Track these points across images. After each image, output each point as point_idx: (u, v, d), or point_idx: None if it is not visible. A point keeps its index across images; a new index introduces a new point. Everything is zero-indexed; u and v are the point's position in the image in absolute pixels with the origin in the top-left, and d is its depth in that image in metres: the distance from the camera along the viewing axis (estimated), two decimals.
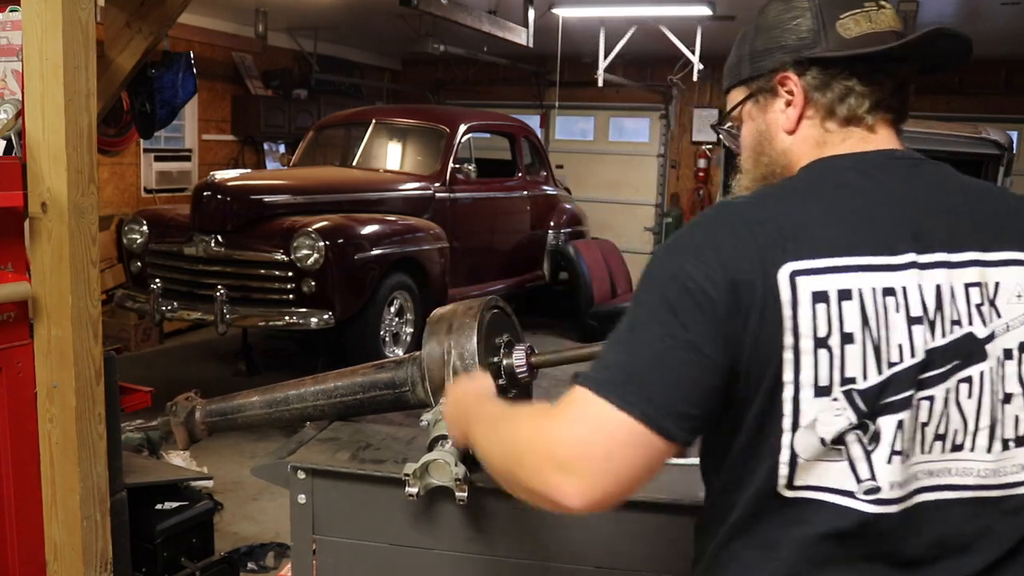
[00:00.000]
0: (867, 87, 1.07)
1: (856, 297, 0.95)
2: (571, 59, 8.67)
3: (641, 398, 0.92)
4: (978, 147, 4.13)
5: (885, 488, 0.95)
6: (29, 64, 2.01)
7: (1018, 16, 6.22)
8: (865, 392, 0.95)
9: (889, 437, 0.95)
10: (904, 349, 0.95)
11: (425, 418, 1.54)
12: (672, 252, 1.00)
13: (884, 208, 1.00)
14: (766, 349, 0.94)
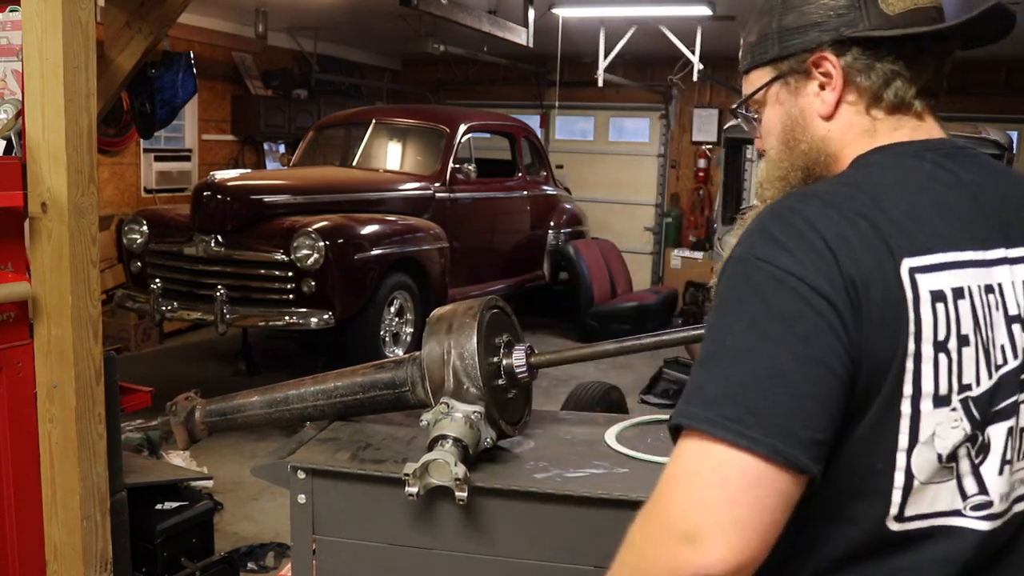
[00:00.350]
0: (913, 70, 0.99)
1: (967, 296, 0.87)
2: (571, 59, 8.67)
3: (766, 431, 0.78)
4: (979, 147, 4.14)
5: (996, 502, 0.87)
6: (29, 64, 2.01)
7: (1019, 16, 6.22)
8: (979, 399, 0.87)
9: (1000, 447, 0.88)
10: (1007, 350, 0.89)
11: (425, 418, 1.54)
12: (767, 247, 0.85)
13: (968, 200, 0.92)
14: (885, 356, 0.83)
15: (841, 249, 0.83)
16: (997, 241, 0.91)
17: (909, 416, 0.84)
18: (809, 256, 0.83)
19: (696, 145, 10.15)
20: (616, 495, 1.51)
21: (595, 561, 1.54)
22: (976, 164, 0.97)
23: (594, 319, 7.35)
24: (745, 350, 0.81)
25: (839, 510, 0.86)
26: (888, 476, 0.85)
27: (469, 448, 1.49)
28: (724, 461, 0.78)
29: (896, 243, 0.85)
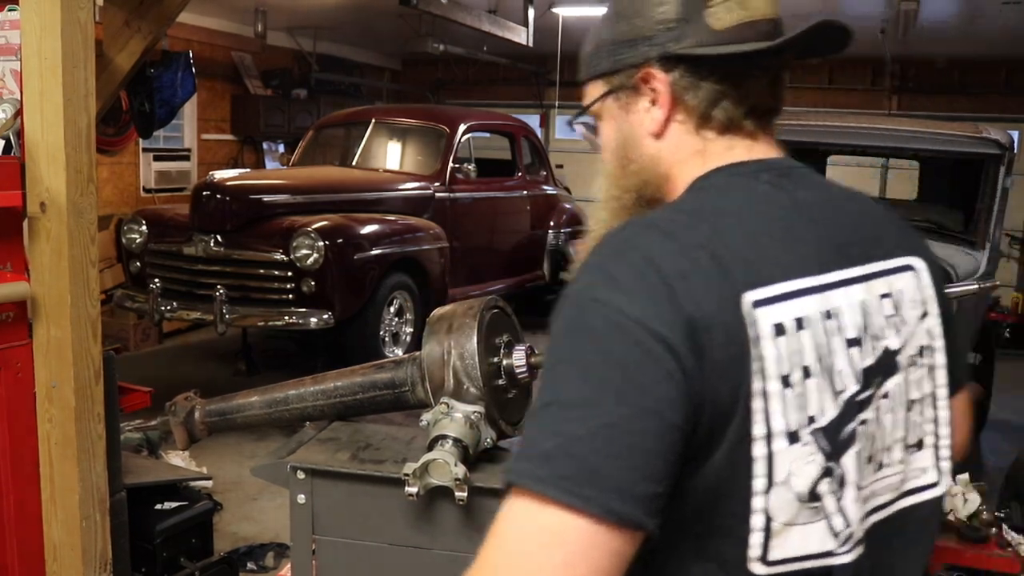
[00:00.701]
0: (741, 89, 0.93)
1: (808, 325, 0.84)
2: (571, 59, 8.66)
3: (600, 489, 0.73)
4: (979, 147, 4.13)
5: (856, 530, 0.86)
6: (28, 63, 2.00)
7: (1019, 16, 6.22)
8: (827, 429, 0.84)
9: (853, 475, 0.85)
10: (847, 376, 0.86)
11: (425, 418, 1.53)
12: (603, 288, 0.80)
13: (805, 223, 0.89)
14: (729, 398, 0.79)
15: (681, 288, 0.78)
16: (835, 263, 0.88)
17: (764, 457, 0.80)
18: (648, 298, 0.78)
19: None
20: None
21: None
22: (811, 183, 0.94)
23: None
24: (580, 402, 0.76)
25: (703, 552, 0.83)
26: (745, 519, 0.81)
27: (469, 448, 1.48)
28: (557, 523, 0.73)
29: (737, 275, 0.81)
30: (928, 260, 0.98)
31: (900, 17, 5.86)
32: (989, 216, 4.14)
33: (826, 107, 9.18)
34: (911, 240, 0.99)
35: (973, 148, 4.16)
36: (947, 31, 7.25)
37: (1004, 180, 4.14)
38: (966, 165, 4.45)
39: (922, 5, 5.69)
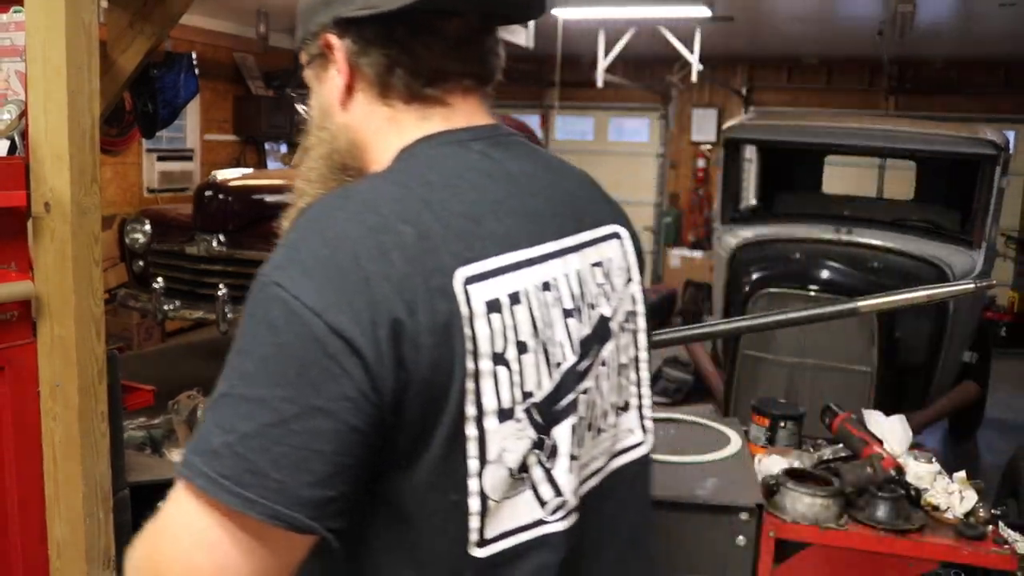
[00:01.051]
0: (413, 55, 0.86)
1: (525, 299, 0.80)
2: (571, 60, 8.68)
3: (265, 492, 0.70)
4: (975, 147, 4.15)
5: (570, 499, 0.84)
6: (32, 65, 2.02)
7: (1016, 17, 6.23)
8: (541, 403, 0.81)
9: (566, 445, 0.83)
10: (566, 347, 0.84)
11: None
12: (288, 271, 0.74)
13: (518, 194, 0.86)
14: (441, 383, 0.75)
15: (378, 271, 0.73)
16: (550, 234, 0.85)
17: (476, 438, 0.77)
18: (333, 284, 0.72)
19: (695, 145, 10.16)
20: None
21: None
22: (523, 153, 0.91)
23: None
24: (252, 396, 0.72)
25: (422, 549, 0.79)
26: (463, 504, 0.78)
27: None
28: (217, 523, 0.70)
29: (449, 252, 0.76)
30: (629, 228, 0.98)
31: (897, 18, 5.87)
32: (985, 216, 4.16)
33: (823, 107, 9.20)
34: (614, 209, 0.99)
35: (969, 148, 4.18)
36: (944, 32, 7.26)
37: (1000, 180, 4.16)
38: (963, 165, 4.46)
39: (919, 6, 5.70)
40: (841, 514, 1.57)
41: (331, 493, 0.71)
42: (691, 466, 1.68)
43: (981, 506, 1.61)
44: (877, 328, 3.45)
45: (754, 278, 3.78)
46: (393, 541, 0.80)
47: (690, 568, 1.54)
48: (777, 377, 3.58)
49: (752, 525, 1.53)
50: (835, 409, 1.89)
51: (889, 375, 3.62)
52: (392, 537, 0.79)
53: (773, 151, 5.11)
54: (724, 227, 4.69)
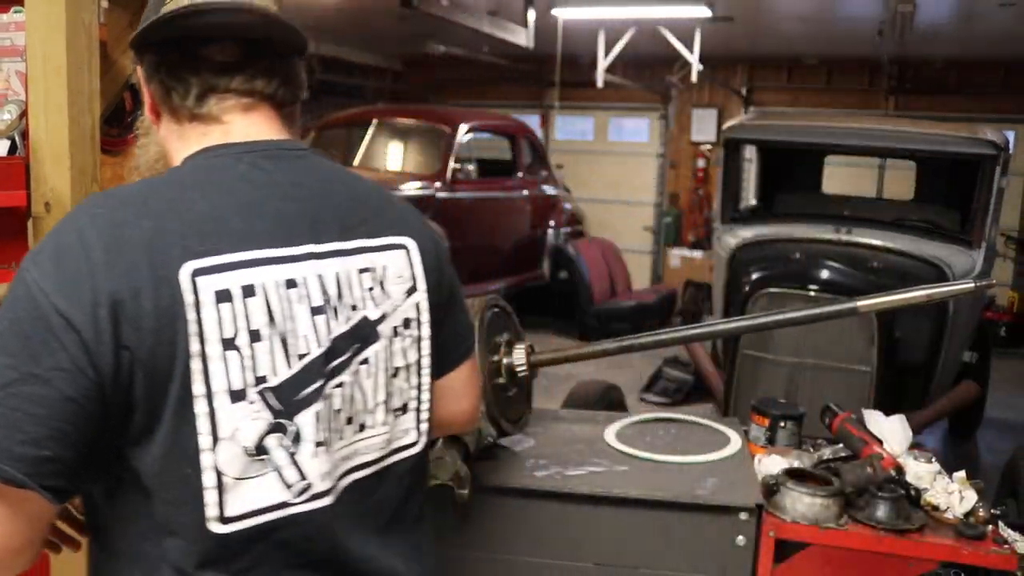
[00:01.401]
0: (178, 79, 0.97)
1: (260, 292, 0.90)
2: (571, 60, 8.68)
3: None
4: (975, 147, 4.15)
5: (316, 483, 0.93)
6: (32, 65, 2.02)
7: (1015, 17, 6.24)
8: (279, 389, 0.90)
9: (310, 432, 0.92)
10: (310, 339, 0.93)
11: None
12: (36, 264, 0.86)
13: (277, 200, 0.95)
14: (166, 363, 0.84)
15: (110, 260, 0.84)
16: (302, 238, 0.94)
17: (207, 414, 0.86)
18: (67, 270, 0.84)
19: (695, 145, 10.16)
20: (616, 493, 1.53)
21: (595, 558, 1.56)
22: (302, 166, 1.00)
23: (594, 318, 7.37)
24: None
25: (168, 522, 0.87)
26: (198, 479, 0.86)
27: (470, 446, 1.50)
28: None
29: (182, 247, 0.86)
30: (424, 242, 1.08)
31: (897, 18, 5.87)
32: (985, 216, 4.16)
33: (823, 108, 9.20)
34: (407, 222, 1.08)
35: (969, 148, 4.18)
36: (944, 32, 7.26)
37: (1000, 180, 4.15)
38: (962, 165, 4.46)
39: (919, 6, 5.70)
40: (841, 514, 1.58)
41: (46, 453, 0.80)
42: (691, 466, 1.68)
43: (981, 506, 1.61)
44: (877, 328, 3.45)
45: (754, 278, 3.78)
46: (140, 512, 0.88)
47: (690, 568, 1.54)
48: (777, 377, 3.58)
49: (752, 525, 1.53)
50: (835, 409, 1.89)
51: (889, 375, 3.62)
52: (138, 508, 0.88)
53: (773, 151, 5.11)
54: (724, 227, 4.69)
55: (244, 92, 0.99)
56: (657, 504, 1.52)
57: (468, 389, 1.20)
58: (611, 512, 1.53)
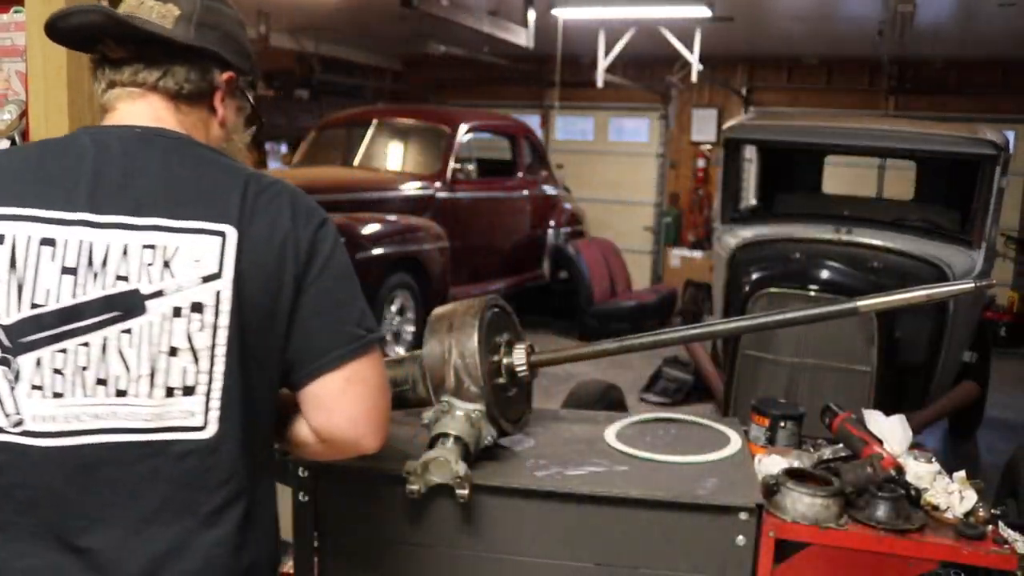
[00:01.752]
0: (95, 74, 1.19)
1: (9, 243, 1.04)
2: (571, 60, 8.69)
3: None
4: (975, 147, 4.15)
5: (29, 421, 1.04)
6: (33, 65, 2.02)
7: (1015, 17, 6.24)
8: (7, 328, 1.04)
9: (28, 374, 1.04)
10: (51, 294, 1.04)
11: (426, 416, 1.55)
12: None
13: (81, 172, 1.08)
14: None
15: None
16: (83, 207, 1.06)
17: None
18: None
19: (695, 145, 10.17)
20: (616, 492, 1.53)
21: (596, 558, 1.55)
22: (151, 147, 1.13)
23: (594, 318, 7.37)
24: None
25: None
26: None
27: (470, 446, 1.50)
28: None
29: None
30: (253, 236, 1.09)
31: (897, 18, 5.87)
32: (985, 216, 4.16)
33: (823, 108, 9.20)
34: (234, 214, 1.10)
35: (969, 149, 4.18)
36: (944, 32, 7.26)
37: (1000, 180, 4.15)
38: (962, 165, 4.46)
39: (919, 6, 5.71)
40: (841, 514, 1.57)
41: None
42: (691, 466, 1.68)
43: (981, 506, 1.60)
44: (877, 328, 3.45)
45: (754, 278, 3.78)
46: None
47: (690, 568, 1.54)
48: (777, 377, 3.58)
49: (752, 525, 1.53)
50: (835, 409, 1.89)
51: (889, 375, 3.62)
52: None
53: (773, 151, 5.11)
54: (724, 227, 4.69)
55: (130, 83, 1.17)
56: (657, 504, 1.52)
57: (340, 403, 1.16)
58: (611, 512, 1.53)
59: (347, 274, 1.18)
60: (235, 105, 1.28)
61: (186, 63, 1.18)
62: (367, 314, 1.20)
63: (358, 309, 1.18)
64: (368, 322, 1.19)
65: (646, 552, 1.54)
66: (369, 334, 1.18)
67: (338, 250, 1.17)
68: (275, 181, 1.17)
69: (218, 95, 1.23)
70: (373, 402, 1.19)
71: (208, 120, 1.24)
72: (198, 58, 1.19)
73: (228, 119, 1.26)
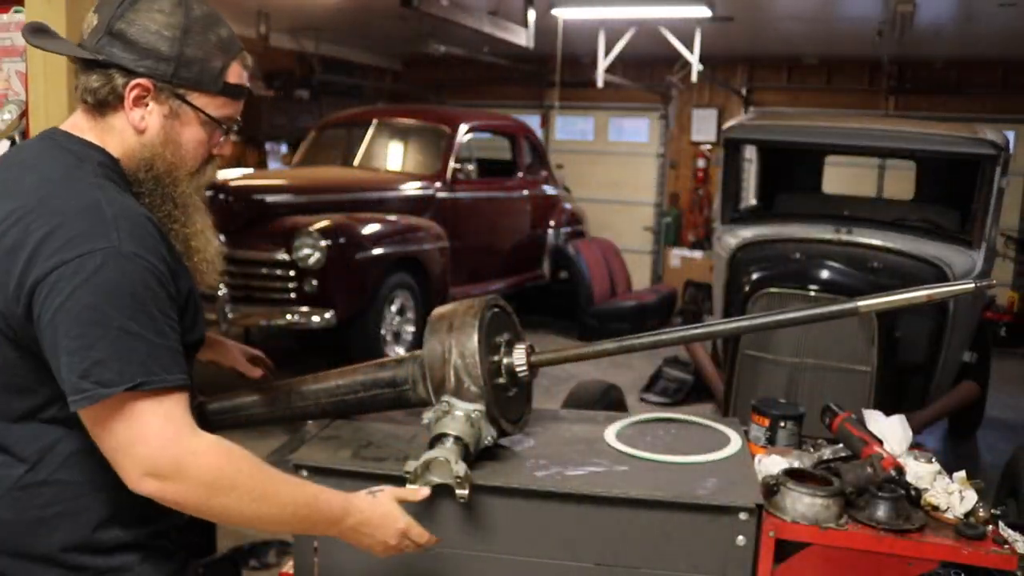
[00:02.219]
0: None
1: None
2: (571, 60, 8.68)
3: None
4: (975, 147, 4.15)
5: None
6: (33, 65, 2.03)
7: (1015, 17, 6.23)
8: None
9: None
10: None
11: (426, 416, 1.55)
12: None
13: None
14: None
15: None
16: None
17: None
18: None
19: (695, 145, 10.16)
20: (616, 493, 1.53)
21: (596, 558, 1.55)
22: (27, 145, 1.34)
23: (594, 318, 7.37)
24: None
25: None
26: None
27: (470, 446, 1.50)
28: None
29: None
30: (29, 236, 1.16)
31: (897, 18, 5.87)
32: (985, 216, 4.16)
33: (823, 108, 9.19)
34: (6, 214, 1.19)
35: (969, 149, 4.17)
36: (944, 32, 7.26)
37: (1000, 180, 4.15)
38: (962, 165, 4.46)
39: (918, 6, 5.70)
40: (841, 514, 1.57)
41: None
42: (691, 466, 1.68)
43: (981, 506, 1.60)
44: (877, 328, 3.45)
45: (754, 278, 3.78)
46: None
47: (690, 568, 1.54)
48: (777, 377, 3.58)
49: (752, 525, 1.53)
50: (835, 409, 1.89)
51: (889, 375, 3.62)
52: None
53: (773, 151, 5.11)
54: (724, 227, 4.69)
55: (79, 98, 1.31)
56: (657, 504, 1.52)
57: (100, 436, 1.15)
58: (611, 512, 1.53)
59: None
60: (163, 112, 1.29)
61: (92, 73, 1.26)
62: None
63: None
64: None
65: (646, 552, 1.54)
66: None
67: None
68: (59, 210, 1.16)
69: (126, 103, 1.27)
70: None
71: (123, 128, 1.28)
72: (101, 68, 1.26)
73: (150, 126, 1.28)
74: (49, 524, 1.22)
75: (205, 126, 1.34)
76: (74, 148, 1.26)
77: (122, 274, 1.12)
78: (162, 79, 1.27)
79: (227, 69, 1.33)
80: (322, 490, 1.29)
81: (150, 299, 1.14)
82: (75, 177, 1.21)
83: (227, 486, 1.15)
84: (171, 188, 1.32)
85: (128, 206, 1.20)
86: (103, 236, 1.13)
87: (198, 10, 1.30)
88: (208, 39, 1.30)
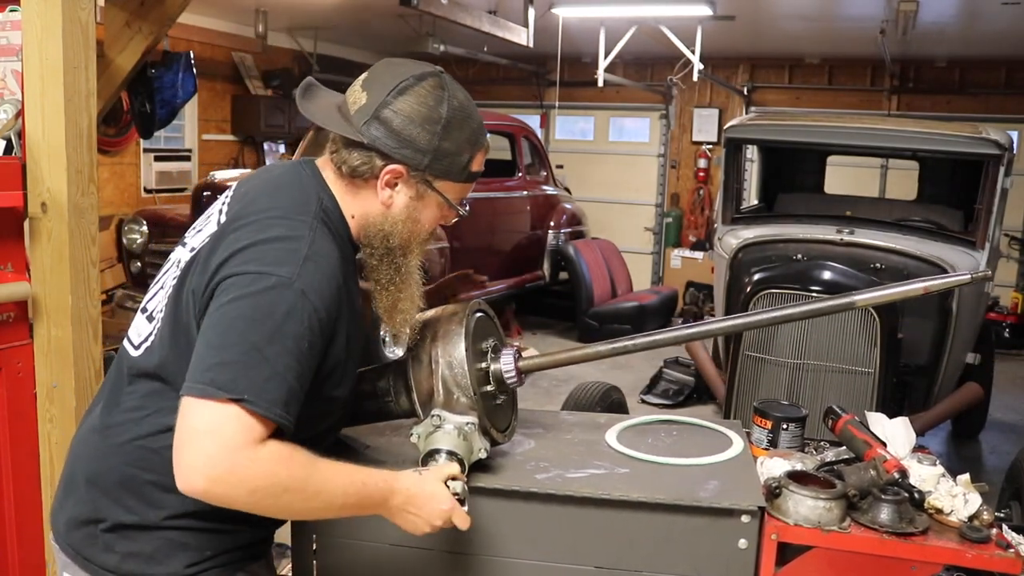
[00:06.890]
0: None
1: None
2: (571, 59, 8.68)
3: None
4: (978, 147, 4.13)
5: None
6: (29, 64, 2.01)
7: (1018, 16, 6.22)
8: None
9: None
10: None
11: (416, 431, 1.49)
12: None
13: None
14: None
15: None
16: None
17: None
18: None
19: (696, 145, 10.14)
20: (617, 495, 1.51)
21: (596, 561, 1.54)
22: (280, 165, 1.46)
23: (594, 319, 7.35)
24: None
25: None
26: None
27: (464, 461, 1.45)
28: None
29: None
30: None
31: (899, 18, 5.86)
32: (988, 216, 4.15)
33: (825, 107, 9.18)
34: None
35: (972, 148, 4.16)
36: (946, 32, 7.24)
37: (1003, 180, 4.14)
38: (965, 165, 4.45)
39: (921, 6, 5.69)
40: (844, 517, 1.56)
41: None
42: (692, 468, 1.66)
43: (985, 509, 1.59)
44: (879, 329, 3.43)
45: (755, 279, 3.77)
46: None
47: (692, 571, 1.53)
48: (779, 378, 3.57)
49: (754, 528, 1.51)
50: (838, 411, 1.87)
51: (892, 377, 3.61)
52: None
53: (775, 151, 5.10)
54: (725, 228, 4.68)
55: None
56: (658, 507, 1.51)
57: (183, 421, 1.19)
58: (612, 515, 1.52)
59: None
60: (409, 193, 1.40)
61: (354, 150, 1.37)
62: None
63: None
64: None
65: (647, 555, 1.53)
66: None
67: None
68: (270, 233, 1.29)
69: (380, 182, 1.38)
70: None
71: (368, 198, 1.40)
72: (364, 148, 1.36)
73: (395, 204, 1.39)
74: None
75: (442, 207, 1.45)
76: (310, 188, 1.38)
77: (281, 303, 1.21)
78: (416, 168, 1.37)
79: (473, 160, 1.44)
80: (369, 474, 1.31)
81: (293, 335, 1.20)
82: (301, 212, 1.33)
83: (278, 491, 1.19)
84: (401, 259, 1.43)
85: (324, 255, 1.29)
86: (287, 267, 1.23)
87: (456, 102, 1.39)
88: (462, 134, 1.40)
